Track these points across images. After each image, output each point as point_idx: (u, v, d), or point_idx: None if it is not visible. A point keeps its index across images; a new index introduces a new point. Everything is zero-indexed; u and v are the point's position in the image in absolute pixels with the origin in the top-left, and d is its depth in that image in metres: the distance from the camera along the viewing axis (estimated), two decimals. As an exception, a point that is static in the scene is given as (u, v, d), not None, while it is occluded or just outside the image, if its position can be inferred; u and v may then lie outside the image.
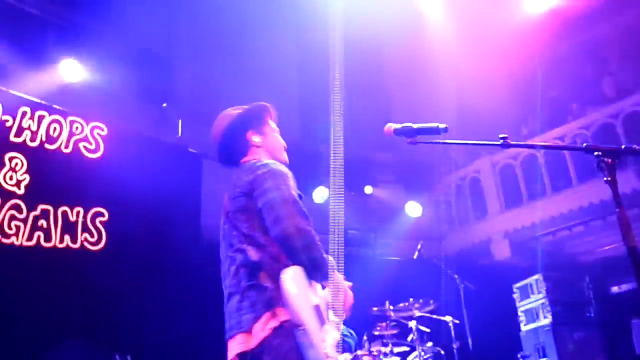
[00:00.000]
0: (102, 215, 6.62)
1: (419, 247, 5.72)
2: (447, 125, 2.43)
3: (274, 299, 2.32)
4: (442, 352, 6.41)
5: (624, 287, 9.97)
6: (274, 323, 2.28)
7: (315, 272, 2.38)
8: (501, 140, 2.20)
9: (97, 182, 6.69)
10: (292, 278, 2.29)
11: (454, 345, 6.40)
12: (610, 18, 10.54)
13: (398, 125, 2.56)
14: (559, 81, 11.03)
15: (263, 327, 2.29)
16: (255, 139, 2.84)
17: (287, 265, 2.34)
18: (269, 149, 2.86)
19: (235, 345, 2.37)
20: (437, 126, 2.42)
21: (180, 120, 8.02)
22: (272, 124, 2.95)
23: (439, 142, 2.53)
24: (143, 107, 7.83)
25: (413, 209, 9.86)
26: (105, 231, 6.59)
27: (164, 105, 7.90)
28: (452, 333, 6.44)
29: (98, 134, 6.89)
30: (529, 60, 11.11)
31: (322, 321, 2.34)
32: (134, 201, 6.80)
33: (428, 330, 6.06)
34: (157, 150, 7.41)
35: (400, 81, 11.40)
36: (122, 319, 6.31)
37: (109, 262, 6.45)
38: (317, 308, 2.34)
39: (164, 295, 6.72)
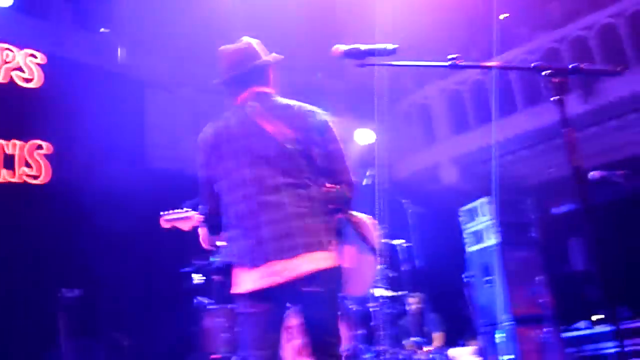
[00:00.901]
0: (42, 148, 6.37)
1: (368, 173, 5.73)
2: (397, 46, 2.35)
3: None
4: (391, 274, 6.59)
5: (563, 208, 10.41)
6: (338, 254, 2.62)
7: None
8: (451, 61, 2.15)
9: (35, 113, 6.40)
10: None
11: (403, 268, 6.58)
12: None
13: (346, 47, 2.47)
14: (508, 5, 10.99)
15: (338, 254, 2.61)
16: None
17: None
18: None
19: (314, 261, 2.53)
20: (386, 47, 2.35)
21: (119, 48, 7.66)
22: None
23: (389, 64, 2.45)
24: (80, 33, 7.43)
25: (363, 137, 9.85)
26: (47, 164, 6.36)
27: (102, 30, 7.50)
28: (401, 256, 6.61)
29: (33, 62, 6.52)
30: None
31: None
32: (75, 132, 6.57)
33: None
34: (97, 78, 7.09)
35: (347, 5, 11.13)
36: (68, 254, 6.20)
37: (52, 195, 6.28)
38: None
39: (111, 228, 6.60)
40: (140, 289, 6.74)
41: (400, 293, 6.78)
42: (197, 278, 6.01)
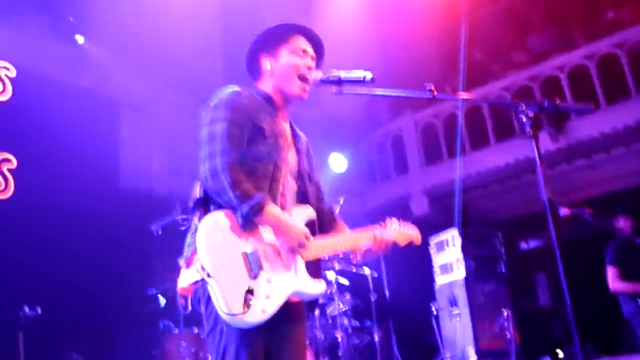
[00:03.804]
0: (9, 161, 6.24)
1: (340, 202, 5.73)
2: (374, 76, 2.37)
3: None
4: (360, 304, 6.56)
5: (532, 244, 10.54)
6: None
7: (236, 214, 2.21)
8: (428, 92, 2.17)
9: (5, 127, 6.28)
10: (206, 222, 2.21)
11: (372, 297, 6.56)
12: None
13: (324, 75, 2.48)
14: (482, 43, 11.24)
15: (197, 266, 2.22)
16: (265, 63, 2.55)
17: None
18: (277, 77, 2.53)
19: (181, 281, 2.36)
20: (364, 76, 2.37)
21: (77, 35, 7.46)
22: (296, 43, 2.54)
23: (366, 93, 2.47)
24: (56, 47, 7.35)
25: (336, 164, 9.88)
26: (14, 179, 6.22)
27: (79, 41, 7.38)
28: (370, 285, 6.59)
29: (5, 75, 6.42)
30: (454, 21, 11.23)
31: (252, 269, 2.18)
32: (46, 148, 6.45)
33: (347, 282, 6.16)
34: (71, 95, 7.00)
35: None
36: (32, 271, 6.04)
37: (17, 211, 6.12)
38: (246, 255, 2.19)
39: (76, 246, 6.46)
40: (104, 310, 6.58)
41: (368, 323, 6.75)
42: (164, 301, 5.91)
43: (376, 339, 6.49)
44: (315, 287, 2.38)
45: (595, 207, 4.85)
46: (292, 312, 2.32)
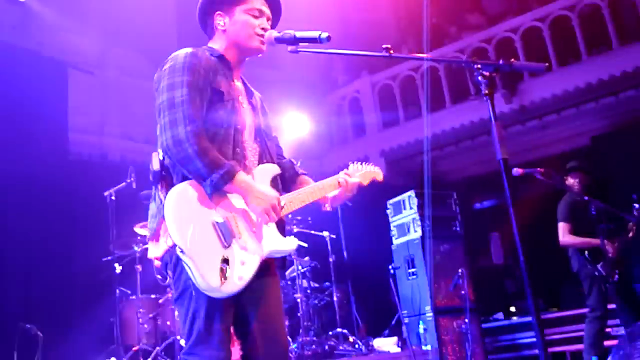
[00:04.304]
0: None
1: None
2: (330, 35, 2.33)
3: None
4: (319, 265, 6.62)
5: (485, 203, 10.77)
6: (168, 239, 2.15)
7: (204, 184, 2.16)
8: (384, 52, 2.14)
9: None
10: (171, 197, 2.14)
11: (330, 259, 6.63)
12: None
13: (278, 33, 2.43)
14: (439, 5, 11.22)
15: (166, 239, 2.18)
16: (219, 21, 2.48)
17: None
18: (232, 35, 2.46)
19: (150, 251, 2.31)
20: (320, 35, 2.32)
21: None
22: (251, 4, 2.47)
23: (322, 52, 2.43)
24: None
25: (296, 126, 9.77)
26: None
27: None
28: (329, 247, 6.65)
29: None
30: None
31: (224, 238, 2.15)
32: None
33: (305, 245, 6.19)
34: (14, 57, 6.70)
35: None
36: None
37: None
38: (217, 224, 2.15)
39: (28, 215, 6.29)
40: (59, 279, 6.46)
41: (326, 284, 6.83)
42: (119, 268, 5.83)
43: (335, 299, 6.58)
44: (287, 244, 2.39)
45: (546, 167, 4.95)
46: (262, 268, 2.28)
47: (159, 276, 5.57)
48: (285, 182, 2.61)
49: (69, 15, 7.54)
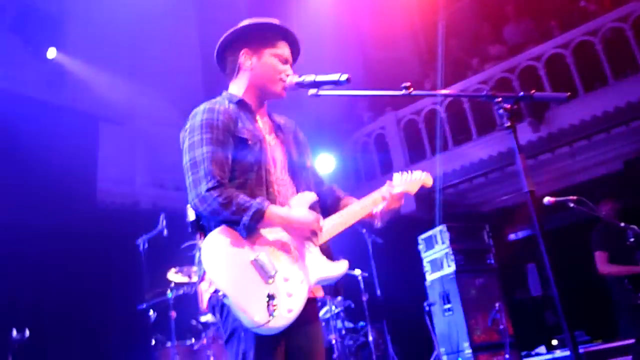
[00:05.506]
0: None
1: (338, 189, 5.69)
2: (349, 76, 2.36)
3: None
4: (352, 305, 6.54)
5: (520, 234, 10.58)
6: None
7: (238, 226, 2.20)
8: (404, 90, 2.16)
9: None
10: (206, 246, 2.18)
11: (364, 298, 6.55)
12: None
13: (299, 78, 2.47)
14: (459, 38, 11.29)
15: (207, 286, 2.24)
16: (245, 60, 2.50)
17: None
18: (256, 77, 2.49)
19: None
20: (339, 78, 2.35)
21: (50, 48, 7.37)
22: (281, 50, 2.52)
23: (342, 94, 2.46)
24: (29, 65, 7.27)
25: (324, 165, 9.84)
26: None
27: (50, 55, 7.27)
28: (362, 286, 6.58)
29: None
30: (430, 18, 11.28)
31: (265, 274, 2.16)
32: (25, 168, 6.37)
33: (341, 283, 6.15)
34: (47, 112, 6.92)
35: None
36: (17, 294, 5.97)
37: (-1, 233, 6.04)
38: (254, 262, 2.17)
39: (61, 266, 6.39)
40: (94, 328, 6.51)
41: (361, 324, 6.74)
42: (153, 314, 5.85)
43: (370, 339, 6.47)
44: (337, 268, 2.38)
45: (579, 194, 4.86)
46: (306, 311, 2.26)
47: (194, 321, 5.59)
48: (327, 209, 2.58)
49: (99, 69, 7.77)
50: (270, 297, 2.12)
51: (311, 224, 2.29)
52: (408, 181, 2.71)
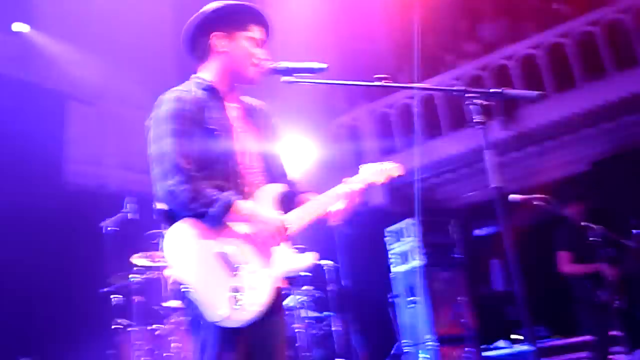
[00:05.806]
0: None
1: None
2: (327, 65, 2.34)
3: None
4: (317, 295, 6.55)
5: (485, 230, 10.73)
6: None
7: (205, 219, 2.16)
8: (378, 81, 2.16)
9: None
10: (170, 237, 2.15)
11: (329, 288, 6.56)
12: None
13: (273, 64, 2.44)
14: (435, 33, 11.33)
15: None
16: (218, 42, 2.41)
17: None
18: (229, 60, 2.41)
19: None
20: (314, 66, 2.34)
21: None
22: (254, 33, 2.44)
23: (317, 82, 2.44)
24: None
25: (302, 153, 9.77)
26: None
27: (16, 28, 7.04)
28: (327, 276, 6.59)
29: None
30: (407, 13, 11.29)
31: (230, 267, 2.14)
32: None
33: (308, 274, 6.15)
34: (13, 88, 6.75)
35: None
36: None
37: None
38: (220, 255, 2.14)
39: (24, 247, 6.26)
40: (55, 311, 6.40)
41: (325, 314, 6.76)
42: (116, 299, 5.77)
43: (334, 329, 6.50)
44: (302, 261, 2.36)
45: (546, 193, 4.93)
46: (270, 302, 2.23)
47: (157, 306, 5.53)
48: (291, 199, 2.55)
49: (69, 46, 7.60)
50: (235, 290, 2.11)
51: (274, 223, 2.27)
52: (372, 172, 2.68)
